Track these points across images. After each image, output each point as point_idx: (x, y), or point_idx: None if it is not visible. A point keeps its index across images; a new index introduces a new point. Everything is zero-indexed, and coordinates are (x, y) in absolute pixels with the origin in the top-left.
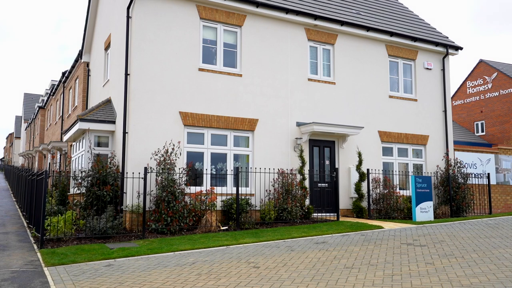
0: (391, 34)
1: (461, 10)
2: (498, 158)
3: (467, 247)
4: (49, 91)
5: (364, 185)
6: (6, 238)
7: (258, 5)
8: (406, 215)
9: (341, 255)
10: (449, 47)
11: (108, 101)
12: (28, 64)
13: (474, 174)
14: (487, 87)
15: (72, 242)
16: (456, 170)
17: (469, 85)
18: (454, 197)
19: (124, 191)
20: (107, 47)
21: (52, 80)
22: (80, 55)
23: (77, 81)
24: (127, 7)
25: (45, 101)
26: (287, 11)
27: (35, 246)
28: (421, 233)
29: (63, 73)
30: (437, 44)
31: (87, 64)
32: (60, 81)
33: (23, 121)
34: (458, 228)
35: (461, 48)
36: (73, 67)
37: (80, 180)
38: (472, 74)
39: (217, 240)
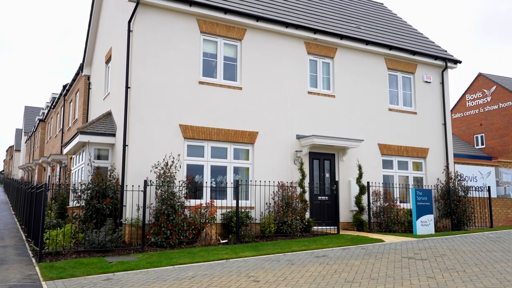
0: (390, 47)
1: (461, 23)
2: (498, 171)
3: (468, 261)
4: (49, 104)
5: (364, 198)
6: (5, 252)
7: (258, 19)
8: (407, 228)
9: (341, 269)
10: (448, 61)
11: (109, 114)
12: (29, 76)
13: (475, 187)
14: (486, 100)
15: (71, 256)
16: (456, 183)
17: (468, 98)
18: (455, 210)
19: (124, 204)
20: (108, 61)
21: (52, 93)
22: (81, 68)
23: (77, 94)
24: (128, 21)
25: (45, 114)
26: (287, 25)
27: (34, 260)
28: (422, 247)
29: (64, 86)
30: (436, 57)
31: (88, 77)
32: (60, 94)
33: (23, 134)
34: (459, 241)
35: (460, 62)
36: (73, 80)
37: (79, 193)
38: (471, 87)
39: (217, 254)
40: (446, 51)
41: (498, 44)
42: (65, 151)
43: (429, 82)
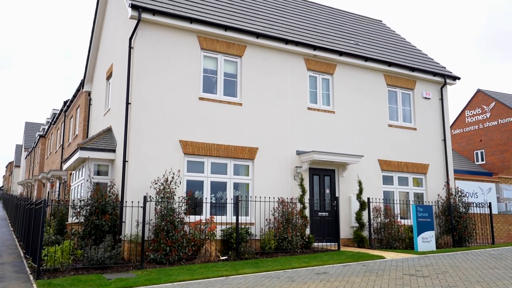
0: (389, 64)
1: (462, 40)
2: (499, 187)
3: (470, 278)
4: (50, 120)
5: (365, 214)
6: (2, 269)
7: (258, 36)
8: (408, 245)
9: (342, 286)
10: (447, 77)
11: (109, 130)
12: (31, 92)
13: (476, 203)
14: (485, 116)
15: (69, 273)
16: (457, 199)
17: (467, 114)
18: (456, 227)
19: (123, 220)
20: (108, 77)
21: (53, 109)
22: (82, 84)
23: (78, 110)
24: (130, 37)
25: (45, 129)
26: (286, 41)
27: (31, 277)
28: (423, 264)
29: (65, 102)
30: (435, 74)
31: (89, 93)
32: (61, 110)
33: (23, 149)
34: (461, 258)
35: (458, 78)
36: (74, 96)
37: (78, 209)
38: (470, 103)
39: (217, 270)
40: (445, 67)
41: (498, 61)
42: (65, 167)
43: (429, 98)
